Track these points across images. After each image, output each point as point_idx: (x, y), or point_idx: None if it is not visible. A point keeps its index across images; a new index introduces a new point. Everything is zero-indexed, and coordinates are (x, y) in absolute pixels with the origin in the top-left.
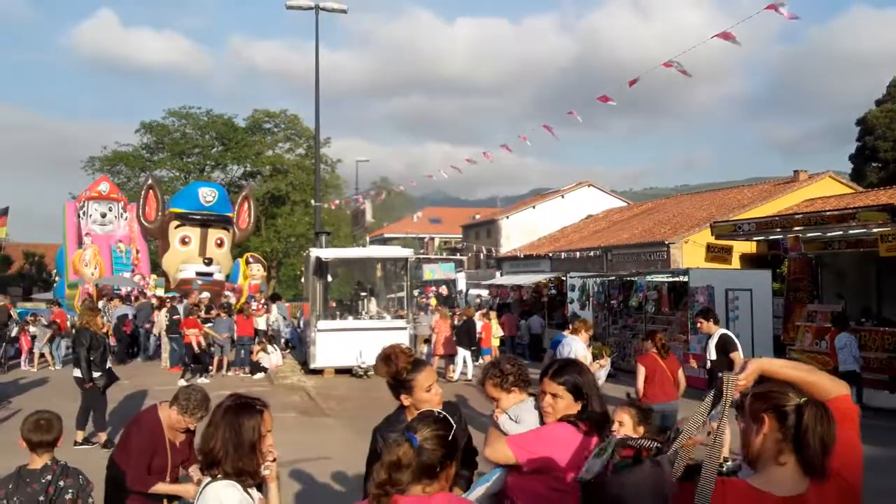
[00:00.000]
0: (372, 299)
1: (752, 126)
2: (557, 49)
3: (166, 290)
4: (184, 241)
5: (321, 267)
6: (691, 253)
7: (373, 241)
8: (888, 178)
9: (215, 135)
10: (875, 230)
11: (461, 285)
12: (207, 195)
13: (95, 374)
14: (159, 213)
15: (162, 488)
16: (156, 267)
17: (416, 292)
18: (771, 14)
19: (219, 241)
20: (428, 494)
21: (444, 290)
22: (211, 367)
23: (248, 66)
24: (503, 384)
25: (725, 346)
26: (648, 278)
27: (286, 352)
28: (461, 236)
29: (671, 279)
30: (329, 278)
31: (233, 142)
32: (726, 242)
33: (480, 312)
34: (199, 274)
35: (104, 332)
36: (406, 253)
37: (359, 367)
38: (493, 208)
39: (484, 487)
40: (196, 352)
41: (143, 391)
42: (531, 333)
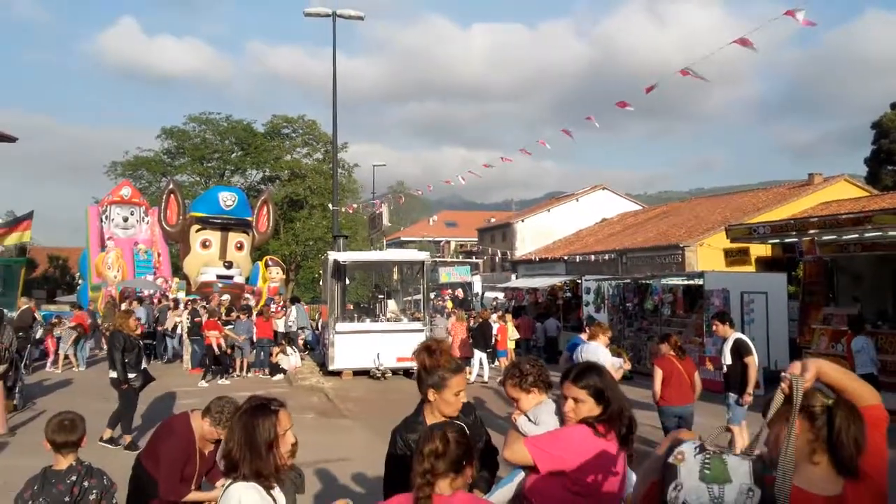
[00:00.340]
0: (391, 301)
1: (767, 129)
2: (573, 54)
3: (187, 293)
4: (204, 245)
5: (339, 270)
6: (706, 256)
7: (389, 245)
8: None
9: (235, 140)
10: (891, 233)
11: (477, 288)
12: (227, 199)
13: (131, 376)
14: (180, 217)
15: (193, 496)
16: (177, 270)
17: (432, 295)
18: (785, 20)
19: (238, 245)
20: (452, 491)
21: (459, 292)
22: (232, 369)
23: (267, 73)
24: (522, 384)
25: (740, 350)
26: (663, 281)
27: (304, 353)
28: (476, 239)
29: (686, 282)
30: (347, 281)
31: (252, 147)
32: (742, 245)
33: (497, 315)
34: (219, 277)
35: (138, 334)
36: (422, 256)
37: (376, 369)
38: (509, 212)
39: (505, 489)
40: (216, 353)
41: (165, 393)
42: (547, 336)
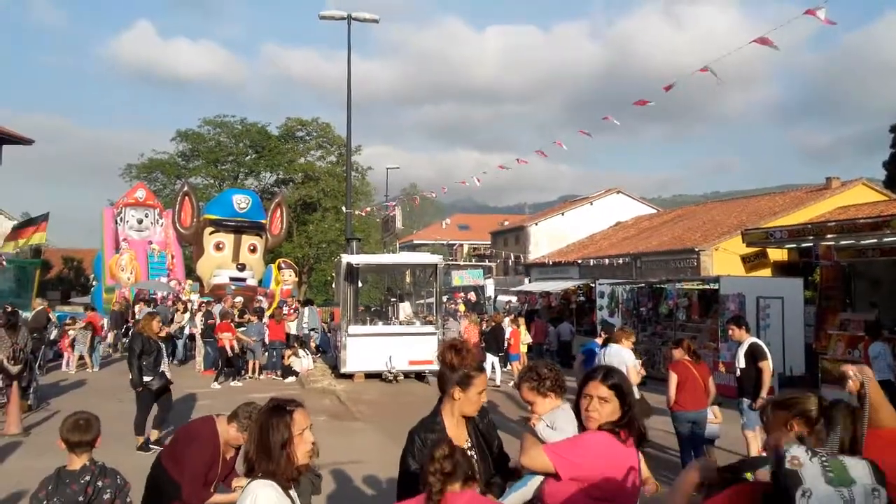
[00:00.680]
0: (404, 304)
1: (784, 132)
2: (588, 56)
3: (201, 295)
4: (218, 247)
5: (352, 272)
6: (722, 260)
7: (402, 248)
8: None
9: (249, 143)
10: None
11: (490, 292)
12: (241, 202)
13: (147, 378)
14: (194, 220)
15: (217, 499)
16: (190, 272)
17: (444, 298)
18: (804, 20)
19: (252, 247)
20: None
21: (472, 296)
22: (244, 371)
23: (282, 75)
24: (540, 388)
25: (755, 354)
26: (678, 285)
27: (317, 356)
28: (490, 243)
29: (701, 286)
30: (360, 284)
31: (266, 149)
32: (758, 249)
33: (509, 318)
34: (232, 279)
35: (161, 337)
36: (435, 259)
37: (388, 371)
38: (522, 215)
39: (518, 493)
40: (229, 355)
41: (177, 395)
42: (560, 340)
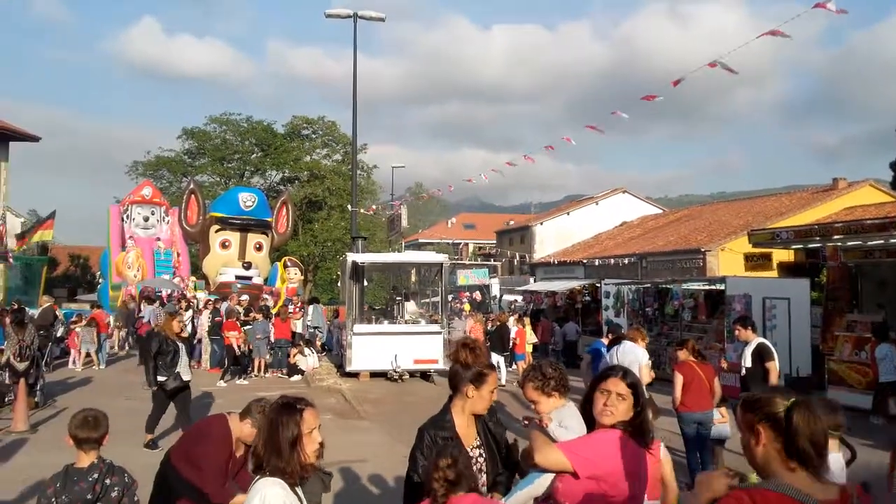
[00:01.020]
0: (409, 303)
1: (791, 132)
2: (593, 55)
3: (208, 293)
4: (224, 245)
5: (357, 271)
6: (728, 261)
7: (407, 247)
8: None
9: (255, 141)
10: None
11: (495, 291)
12: (247, 200)
13: (161, 378)
14: (200, 218)
15: (240, 499)
16: (196, 270)
17: (450, 297)
18: (812, 18)
19: (258, 245)
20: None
21: (477, 295)
22: (251, 369)
23: (288, 73)
24: (545, 388)
25: (762, 354)
26: (684, 286)
27: (322, 355)
28: (495, 242)
29: (707, 287)
30: (365, 282)
31: (272, 148)
32: (764, 250)
33: (514, 318)
34: (238, 277)
35: (180, 337)
36: (441, 258)
37: (393, 370)
38: (527, 214)
39: (523, 492)
40: (236, 354)
41: None
42: (566, 340)
